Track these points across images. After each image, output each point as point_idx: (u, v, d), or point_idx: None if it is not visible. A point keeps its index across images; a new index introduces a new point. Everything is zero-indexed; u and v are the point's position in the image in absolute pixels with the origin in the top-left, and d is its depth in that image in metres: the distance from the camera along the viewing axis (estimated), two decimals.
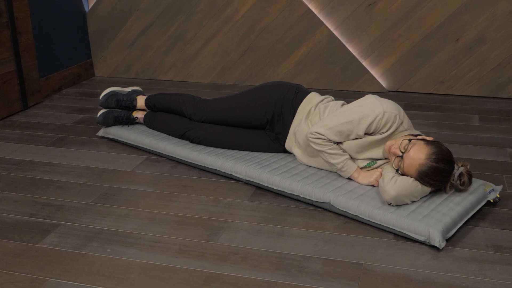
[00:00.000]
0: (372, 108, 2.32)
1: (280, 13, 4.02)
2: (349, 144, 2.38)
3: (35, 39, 3.80)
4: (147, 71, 4.44)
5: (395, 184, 2.18)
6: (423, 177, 2.18)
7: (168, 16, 4.24)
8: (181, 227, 2.22)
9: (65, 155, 2.94)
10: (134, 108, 3.06)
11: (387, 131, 2.33)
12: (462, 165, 2.28)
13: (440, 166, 2.16)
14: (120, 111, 3.06)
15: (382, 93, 3.99)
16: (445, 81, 3.92)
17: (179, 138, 2.88)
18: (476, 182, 2.39)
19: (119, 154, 2.94)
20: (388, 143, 2.31)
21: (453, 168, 2.22)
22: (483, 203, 2.30)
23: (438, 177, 2.18)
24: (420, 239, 2.08)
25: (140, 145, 2.95)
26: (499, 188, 2.39)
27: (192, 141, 2.82)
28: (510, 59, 3.75)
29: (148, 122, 3.01)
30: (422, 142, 2.22)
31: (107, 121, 3.06)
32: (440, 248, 2.05)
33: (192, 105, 2.84)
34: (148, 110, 3.06)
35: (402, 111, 2.37)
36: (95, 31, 4.42)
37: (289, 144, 2.64)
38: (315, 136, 2.38)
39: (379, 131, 2.34)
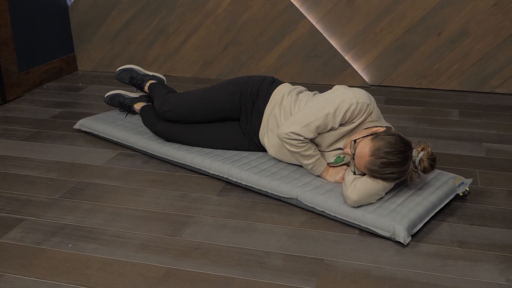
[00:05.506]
0: (345, 98, 2.24)
1: (262, 6, 3.99)
2: (322, 137, 2.33)
3: (14, 32, 3.77)
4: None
5: (355, 188, 2.12)
6: (374, 174, 2.12)
7: (150, 10, 4.21)
8: (145, 222, 2.20)
9: (38, 149, 2.92)
10: (141, 89, 3.11)
11: (357, 120, 2.27)
12: (422, 149, 2.14)
13: (388, 160, 2.07)
14: (125, 99, 3.15)
15: (365, 87, 3.96)
16: (428, 75, 3.89)
17: (155, 134, 2.82)
18: (446, 176, 2.37)
19: (92, 148, 2.92)
20: (346, 142, 2.26)
21: (406, 157, 2.10)
22: (452, 196, 2.28)
23: (389, 169, 2.08)
24: (385, 235, 2.06)
25: (114, 139, 2.93)
26: (469, 181, 2.36)
27: (162, 136, 2.76)
28: (493, 53, 3.72)
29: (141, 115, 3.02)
30: (367, 138, 2.13)
31: (113, 103, 3.21)
32: (405, 244, 2.02)
33: (161, 97, 2.78)
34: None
35: (373, 100, 2.29)
36: (77, 25, 4.39)
37: (262, 133, 2.56)
38: (290, 137, 2.27)
39: (351, 121, 2.28)
